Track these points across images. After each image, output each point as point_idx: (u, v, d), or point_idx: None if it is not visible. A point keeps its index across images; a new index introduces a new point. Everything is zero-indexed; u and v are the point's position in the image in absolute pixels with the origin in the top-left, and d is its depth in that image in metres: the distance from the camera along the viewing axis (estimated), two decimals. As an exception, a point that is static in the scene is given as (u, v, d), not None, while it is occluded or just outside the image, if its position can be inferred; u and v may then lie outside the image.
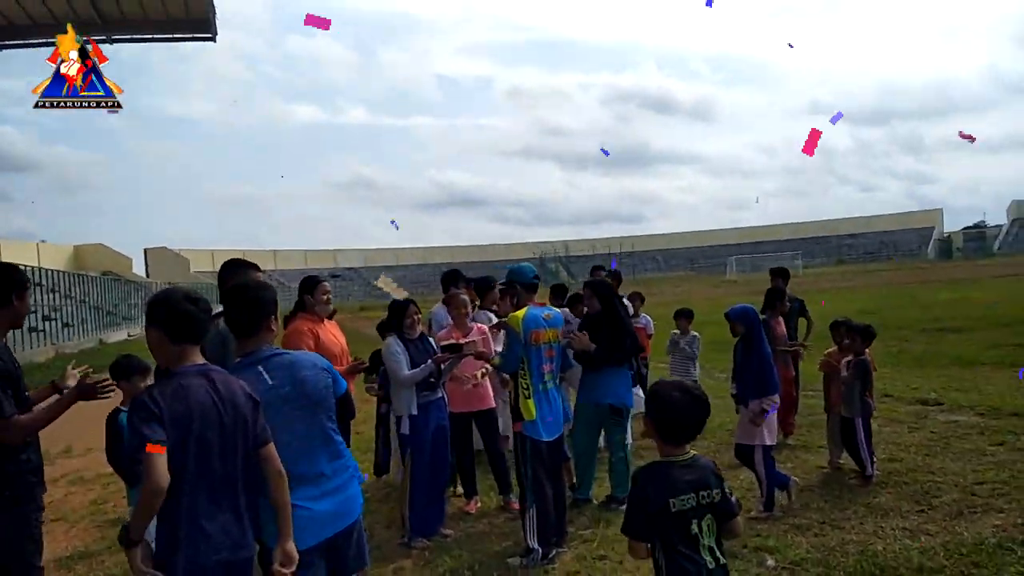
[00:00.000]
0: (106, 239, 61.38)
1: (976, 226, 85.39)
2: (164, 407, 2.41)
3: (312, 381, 2.92)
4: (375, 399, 6.80)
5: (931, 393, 9.42)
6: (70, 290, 31.95)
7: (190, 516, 2.44)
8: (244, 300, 2.94)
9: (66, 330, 28.80)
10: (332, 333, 5.19)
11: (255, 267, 4.29)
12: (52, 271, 31.25)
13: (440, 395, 5.41)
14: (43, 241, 46.54)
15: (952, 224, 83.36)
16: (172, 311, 2.57)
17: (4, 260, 26.55)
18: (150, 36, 21.48)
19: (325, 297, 5.21)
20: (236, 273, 4.09)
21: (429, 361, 5.16)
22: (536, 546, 4.73)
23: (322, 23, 7.77)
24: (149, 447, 2.31)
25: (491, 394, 6.02)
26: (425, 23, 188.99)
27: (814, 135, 7.40)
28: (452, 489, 6.17)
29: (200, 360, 2.65)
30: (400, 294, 13.91)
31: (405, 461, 5.23)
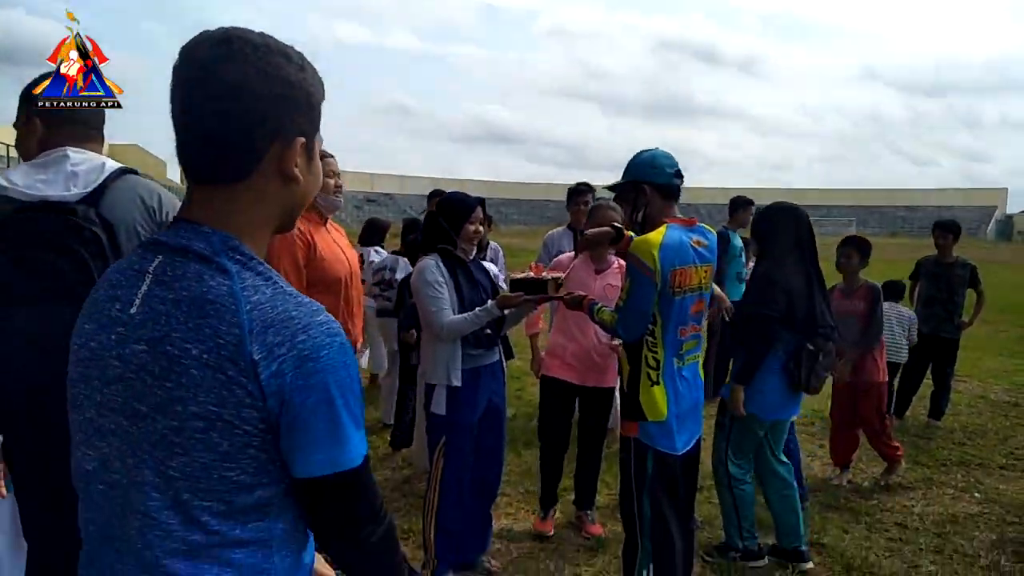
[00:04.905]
0: (143, 140, 60.54)
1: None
2: None
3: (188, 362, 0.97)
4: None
5: None
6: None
7: None
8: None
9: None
10: (336, 243, 3.21)
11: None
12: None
13: (497, 357, 3.45)
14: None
15: (1010, 207, 79.44)
16: None
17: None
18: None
19: (334, 181, 3.21)
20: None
21: (489, 302, 3.18)
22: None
23: None
24: None
25: (616, 366, 3.79)
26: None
27: None
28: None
29: None
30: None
31: (435, 456, 3.30)
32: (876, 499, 4.54)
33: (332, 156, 3.25)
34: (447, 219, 3.31)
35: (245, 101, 0.99)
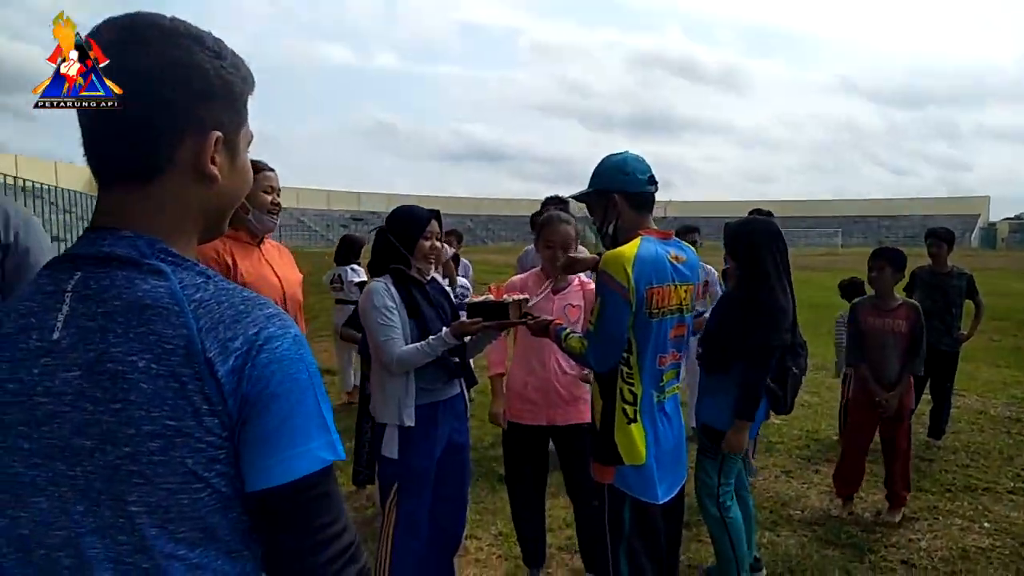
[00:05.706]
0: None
1: (1018, 217, 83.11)
2: None
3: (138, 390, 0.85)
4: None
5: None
6: (86, 212, 30.83)
7: None
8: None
9: (73, 254, 28.17)
10: (268, 265, 2.83)
11: None
12: (68, 191, 30.04)
13: (458, 390, 3.08)
14: (70, 162, 44.60)
15: (993, 214, 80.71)
16: None
17: (22, 177, 25.26)
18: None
19: (271, 197, 2.82)
20: None
21: (444, 330, 2.81)
22: None
23: None
24: None
25: (589, 399, 3.36)
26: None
27: None
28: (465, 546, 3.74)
29: None
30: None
31: (387, 506, 2.91)
32: (879, 532, 4.17)
33: (272, 170, 2.88)
34: (397, 235, 2.95)
35: (150, 90, 0.89)
